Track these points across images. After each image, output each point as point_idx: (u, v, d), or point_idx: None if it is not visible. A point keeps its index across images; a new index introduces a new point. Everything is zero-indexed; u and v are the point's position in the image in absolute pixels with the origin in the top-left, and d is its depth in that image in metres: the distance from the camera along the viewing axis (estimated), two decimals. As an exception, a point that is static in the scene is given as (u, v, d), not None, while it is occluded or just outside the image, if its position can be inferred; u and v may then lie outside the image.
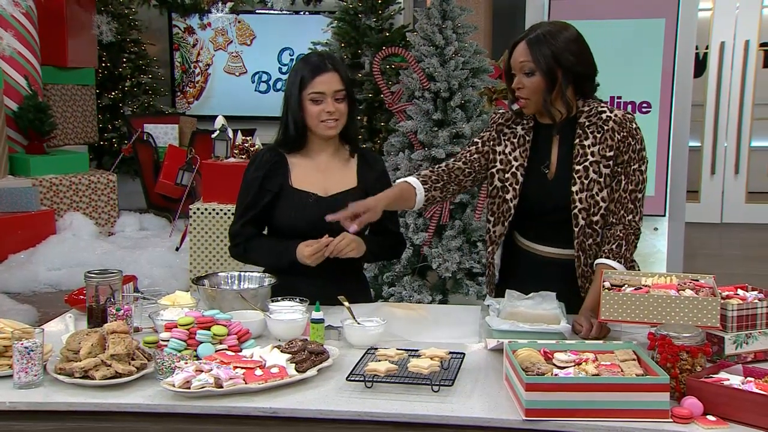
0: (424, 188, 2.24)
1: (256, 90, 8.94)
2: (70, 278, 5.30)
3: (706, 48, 7.53)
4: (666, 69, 4.18)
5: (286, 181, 2.39)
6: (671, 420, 1.53)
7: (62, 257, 5.68)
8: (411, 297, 3.84)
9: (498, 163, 2.26)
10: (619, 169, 2.15)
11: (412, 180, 2.25)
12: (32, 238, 5.85)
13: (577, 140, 2.17)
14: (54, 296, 5.17)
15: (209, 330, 1.85)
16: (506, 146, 2.26)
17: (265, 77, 8.92)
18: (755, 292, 1.91)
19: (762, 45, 7.58)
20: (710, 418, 1.53)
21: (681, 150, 4.32)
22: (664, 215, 4.21)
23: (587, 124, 2.17)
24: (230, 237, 2.46)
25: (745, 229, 7.37)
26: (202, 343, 1.82)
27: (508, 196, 2.23)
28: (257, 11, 8.48)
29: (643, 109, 4.21)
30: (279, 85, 8.83)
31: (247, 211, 2.41)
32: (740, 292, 1.92)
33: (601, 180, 2.14)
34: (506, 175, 2.24)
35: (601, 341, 1.90)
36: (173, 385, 1.65)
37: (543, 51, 2.09)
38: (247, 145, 4.86)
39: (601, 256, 2.13)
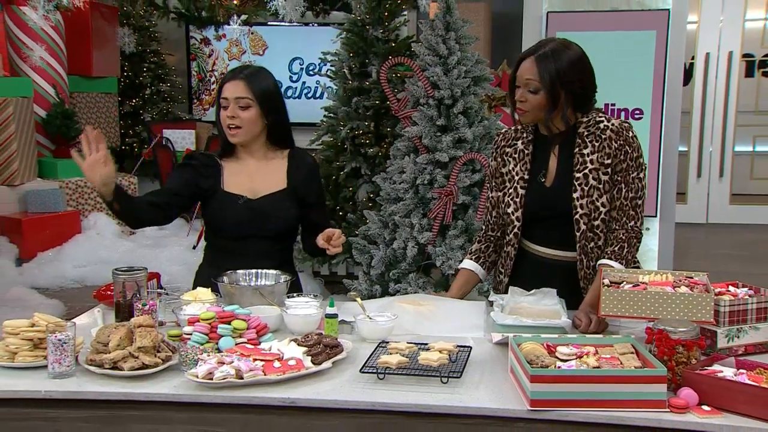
0: (479, 263, 2.36)
1: (268, 97, 8.94)
2: (95, 275, 5.30)
3: (692, 58, 7.50)
4: (657, 78, 4.17)
5: (218, 184, 2.42)
6: (668, 410, 1.52)
7: (87, 255, 5.68)
8: (416, 293, 3.82)
9: (507, 182, 2.26)
10: (618, 178, 2.13)
11: (468, 264, 2.36)
12: (59, 237, 5.84)
13: (577, 149, 2.15)
14: (80, 291, 5.17)
15: (230, 324, 1.84)
16: (509, 163, 2.26)
17: (276, 85, 8.91)
18: (746, 289, 1.91)
19: (744, 56, 7.57)
20: (705, 408, 1.52)
21: (671, 154, 4.32)
22: (656, 216, 4.21)
23: (586, 133, 2.15)
24: None
25: (729, 229, 7.35)
26: (223, 336, 1.81)
27: (510, 210, 2.23)
28: (269, 23, 8.46)
29: (636, 116, 4.20)
30: (289, 92, 8.81)
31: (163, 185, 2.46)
32: (731, 288, 1.91)
33: (600, 186, 2.13)
34: (509, 190, 2.24)
35: (600, 335, 1.90)
36: (197, 376, 1.65)
37: (550, 72, 2.06)
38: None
39: (603, 257, 2.11)
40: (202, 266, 2.53)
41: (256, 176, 2.43)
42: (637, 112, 4.21)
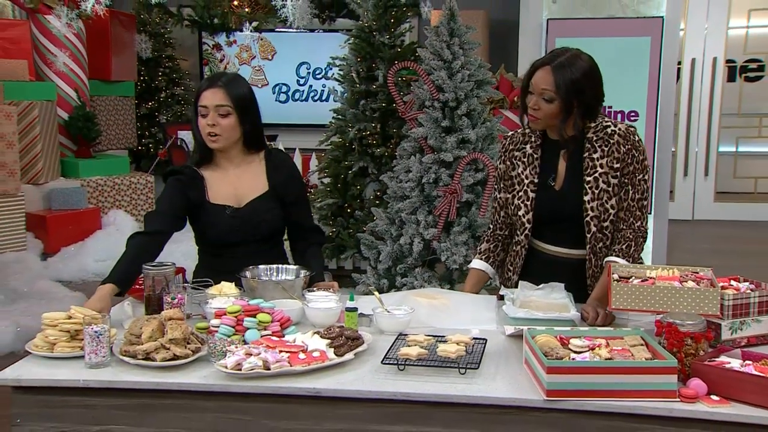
0: (489, 263, 2.34)
1: (276, 100, 8.91)
2: (115, 269, 5.27)
3: (679, 64, 7.49)
4: (651, 81, 4.15)
5: (204, 196, 2.33)
6: (679, 399, 1.51)
7: (107, 250, 5.64)
8: (421, 287, 3.79)
9: (517, 185, 2.22)
10: (626, 180, 2.10)
11: (479, 264, 2.35)
12: (81, 233, 5.83)
13: (586, 154, 2.12)
14: (101, 285, 5.14)
15: (255, 317, 1.82)
16: (518, 167, 2.22)
17: (284, 89, 8.89)
18: (747, 283, 1.89)
19: (727, 62, 7.57)
20: (714, 397, 1.51)
21: (665, 155, 4.30)
22: (650, 213, 4.18)
23: (595, 138, 2.12)
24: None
25: (714, 225, 7.35)
26: (249, 329, 1.79)
27: (521, 213, 2.20)
28: (278, 30, 8.44)
29: (632, 118, 4.18)
30: (297, 95, 8.81)
31: (157, 205, 2.36)
32: (734, 283, 1.89)
33: (610, 189, 2.10)
34: (519, 193, 2.21)
35: (610, 328, 1.87)
36: (226, 367, 1.63)
37: (566, 82, 2.02)
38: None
39: (611, 255, 2.09)
40: (198, 269, 2.47)
41: (238, 183, 2.36)
42: (633, 114, 4.19)
